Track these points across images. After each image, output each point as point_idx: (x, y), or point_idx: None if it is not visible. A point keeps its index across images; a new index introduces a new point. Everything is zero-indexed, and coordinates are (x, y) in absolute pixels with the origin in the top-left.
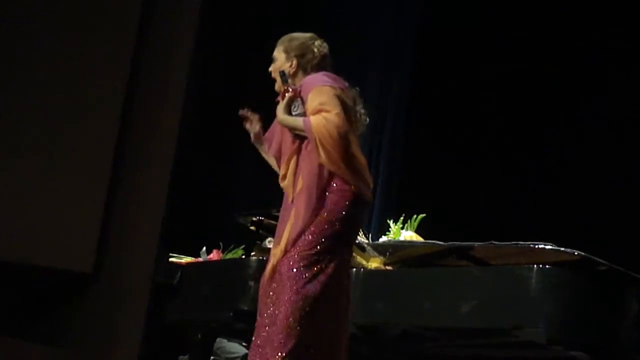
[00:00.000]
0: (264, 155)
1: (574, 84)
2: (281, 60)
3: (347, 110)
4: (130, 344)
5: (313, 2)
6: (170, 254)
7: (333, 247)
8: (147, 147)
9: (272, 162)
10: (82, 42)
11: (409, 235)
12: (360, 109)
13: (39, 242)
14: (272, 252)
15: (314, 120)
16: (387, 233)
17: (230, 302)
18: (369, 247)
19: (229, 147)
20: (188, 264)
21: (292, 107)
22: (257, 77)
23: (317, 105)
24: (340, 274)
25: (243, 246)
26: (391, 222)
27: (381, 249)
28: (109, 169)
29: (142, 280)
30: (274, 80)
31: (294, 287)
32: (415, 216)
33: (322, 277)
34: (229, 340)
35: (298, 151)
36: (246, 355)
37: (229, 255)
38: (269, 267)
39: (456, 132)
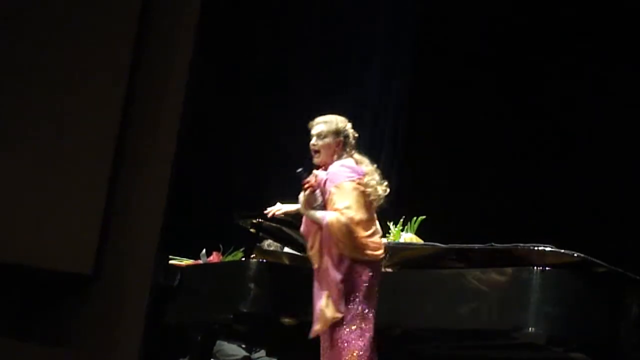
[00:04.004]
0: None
1: (573, 84)
2: (328, 139)
3: (365, 198)
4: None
5: (313, 2)
6: (170, 256)
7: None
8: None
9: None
10: (82, 42)
11: (408, 237)
12: (378, 184)
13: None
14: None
15: (330, 218)
16: (387, 235)
17: (230, 304)
18: None
19: (229, 148)
20: (188, 266)
21: (313, 199)
22: (257, 76)
23: (338, 204)
24: None
25: (243, 248)
26: (391, 224)
27: None
28: (108, 169)
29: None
30: (315, 152)
31: None
32: (415, 218)
33: None
34: (228, 343)
35: (321, 229)
36: (245, 357)
37: (229, 258)
38: None
39: (456, 133)
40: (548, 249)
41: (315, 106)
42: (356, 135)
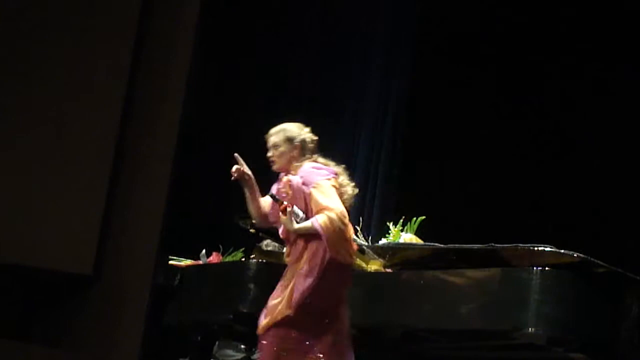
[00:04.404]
0: (248, 196)
1: (573, 84)
2: (284, 148)
3: (340, 195)
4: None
5: (313, 2)
6: (170, 257)
7: None
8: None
9: (254, 211)
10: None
11: (408, 237)
12: (347, 183)
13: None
14: None
15: (321, 220)
16: (387, 235)
17: (229, 304)
18: (368, 250)
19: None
20: (188, 267)
21: (294, 214)
22: (256, 76)
23: (322, 204)
24: None
25: (243, 249)
26: (391, 225)
27: (381, 252)
28: (108, 169)
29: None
30: (272, 163)
31: None
32: (414, 218)
33: None
34: (228, 343)
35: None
36: (245, 357)
37: (229, 258)
38: None
39: (456, 134)
40: (548, 249)
41: (315, 106)
42: (315, 138)
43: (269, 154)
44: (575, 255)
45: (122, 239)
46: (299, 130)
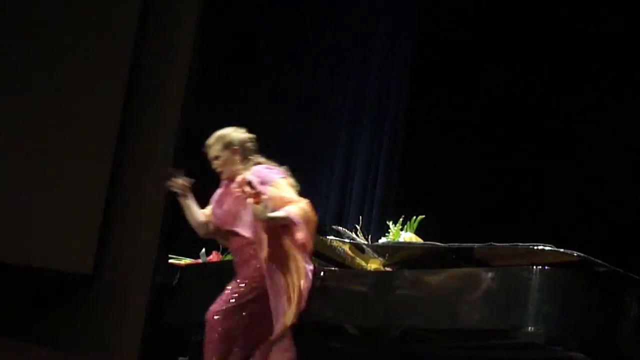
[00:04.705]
0: (186, 207)
1: (574, 83)
2: (225, 156)
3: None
4: (130, 344)
5: (313, 2)
6: (170, 255)
7: None
8: (147, 149)
9: (194, 220)
10: (82, 42)
11: (408, 236)
12: (294, 182)
13: (39, 243)
14: None
15: (294, 209)
16: (387, 234)
17: None
18: (368, 249)
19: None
20: (187, 266)
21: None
22: (256, 76)
23: (287, 198)
24: None
25: None
26: (390, 223)
27: (380, 250)
28: (108, 169)
29: (142, 282)
30: (220, 173)
31: None
32: (414, 217)
33: None
34: None
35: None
36: None
37: (229, 257)
38: None
39: (456, 133)
40: (548, 248)
41: (315, 106)
42: (253, 137)
43: (213, 165)
44: (575, 254)
45: (122, 239)
46: (235, 134)
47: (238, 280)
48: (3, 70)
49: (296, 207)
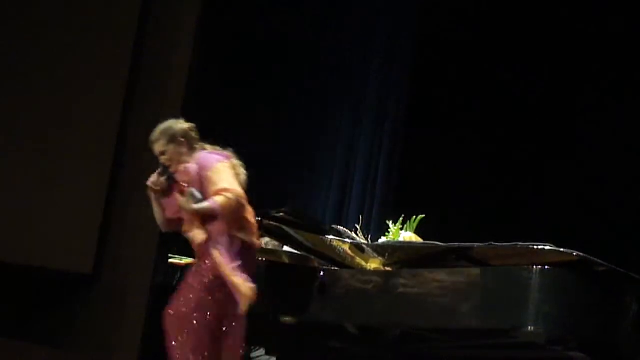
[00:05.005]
0: (159, 203)
1: (573, 84)
2: (171, 149)
3: (236, 176)
4: (130, 344)
5: (313, 2)
6: (170, 255)
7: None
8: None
9: (162, 214)
10: (82, 42)
11: (408, 236)
12: (239, 164)
13: (39, 243)
14: None
15: (220, 200)
16: (387, 234)
17: None
18: (368, 248)
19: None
20: (188, 265)
21: (193, 196)
22: (256, 77)
23: (220, 185)
24: None
25: None
26: (390, 223)
27: (380, 250)
28: (109, 170)
29: (142, 282)
30: (169, 166)
31: None
32: (414, 217)
33: None
34: None
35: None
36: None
37: None
38: None
39: (456, 133)
40: (547, 247)
41: (315, 106)
42: (193, 125)
43: (161, 161)
44: (575, 253)
45: (122, 239)
46: (178, 126)
47: (200, 263)
48: (3, 70)
49: (222, 197)
